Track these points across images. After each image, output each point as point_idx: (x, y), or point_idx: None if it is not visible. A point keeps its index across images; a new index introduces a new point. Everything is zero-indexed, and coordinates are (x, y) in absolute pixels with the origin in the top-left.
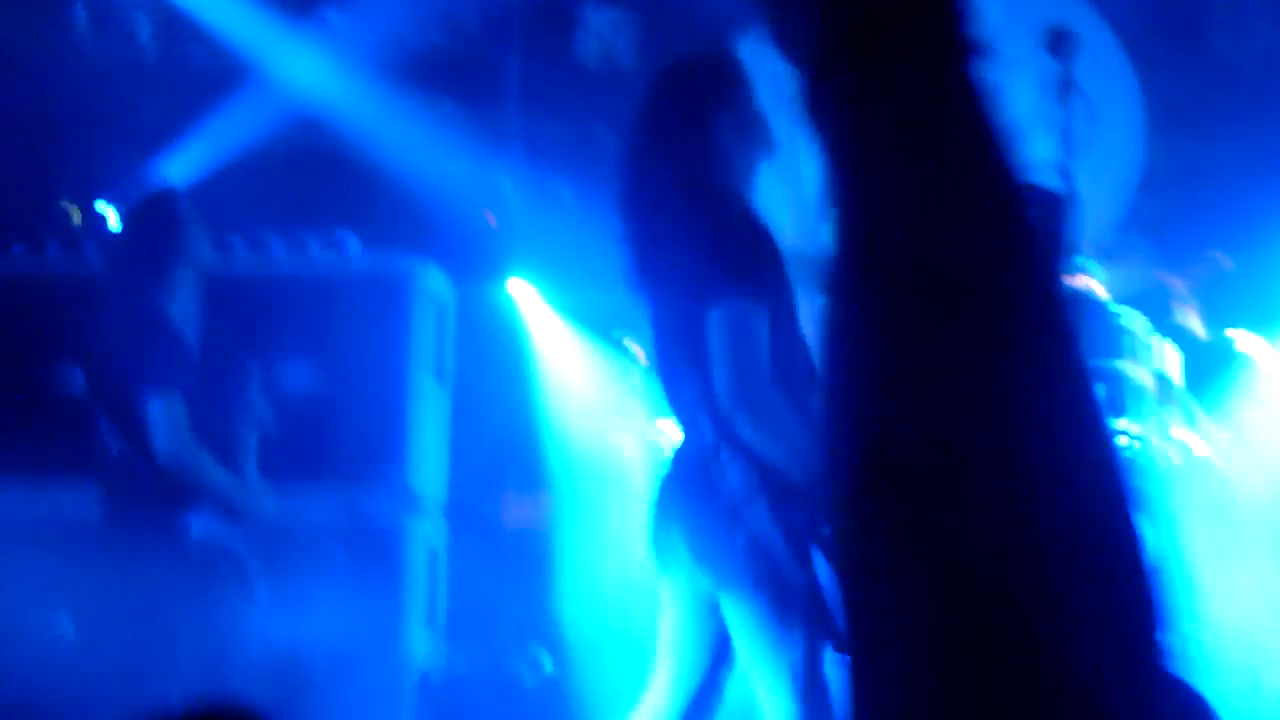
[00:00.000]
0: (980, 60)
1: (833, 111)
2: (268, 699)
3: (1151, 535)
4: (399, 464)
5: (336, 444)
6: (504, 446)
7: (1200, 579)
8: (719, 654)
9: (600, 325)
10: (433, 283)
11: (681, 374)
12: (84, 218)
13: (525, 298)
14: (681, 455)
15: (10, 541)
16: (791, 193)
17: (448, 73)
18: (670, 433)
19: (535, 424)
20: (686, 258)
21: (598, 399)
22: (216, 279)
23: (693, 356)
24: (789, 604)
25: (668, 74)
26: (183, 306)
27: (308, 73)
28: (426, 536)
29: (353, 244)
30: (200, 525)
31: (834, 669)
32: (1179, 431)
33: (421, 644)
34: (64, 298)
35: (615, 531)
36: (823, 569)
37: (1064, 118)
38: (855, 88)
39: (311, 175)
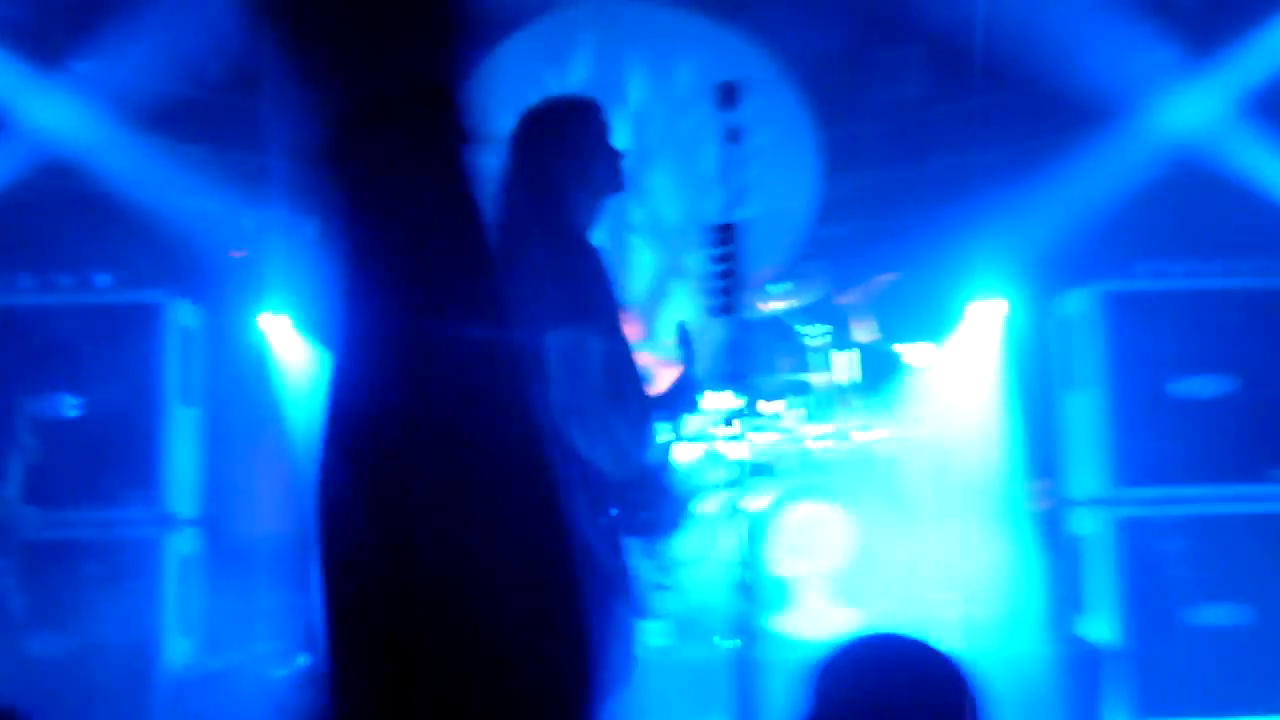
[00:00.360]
0: (475, 147)
1: (336, 192)
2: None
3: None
4: (154, 483)
5: (97, 468)
6: (256, 462)
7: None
8: None
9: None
10: (182, 315)
11: None
12: None
13: (275, 327)
14: None
15: None
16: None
17: (196, 119)
18: None
19: (285, 442)
20: (533, 287)
21: None
22: None
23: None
24: (602, 588)
25: (529, 116)
26: None
27: (59, 120)
28: (179, 548)
29: (104, 281)
30: None
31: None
32: (856, 428)
33: (177, 647)
34: None
35: None
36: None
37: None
38: (355, 170)
39: (67, 217)
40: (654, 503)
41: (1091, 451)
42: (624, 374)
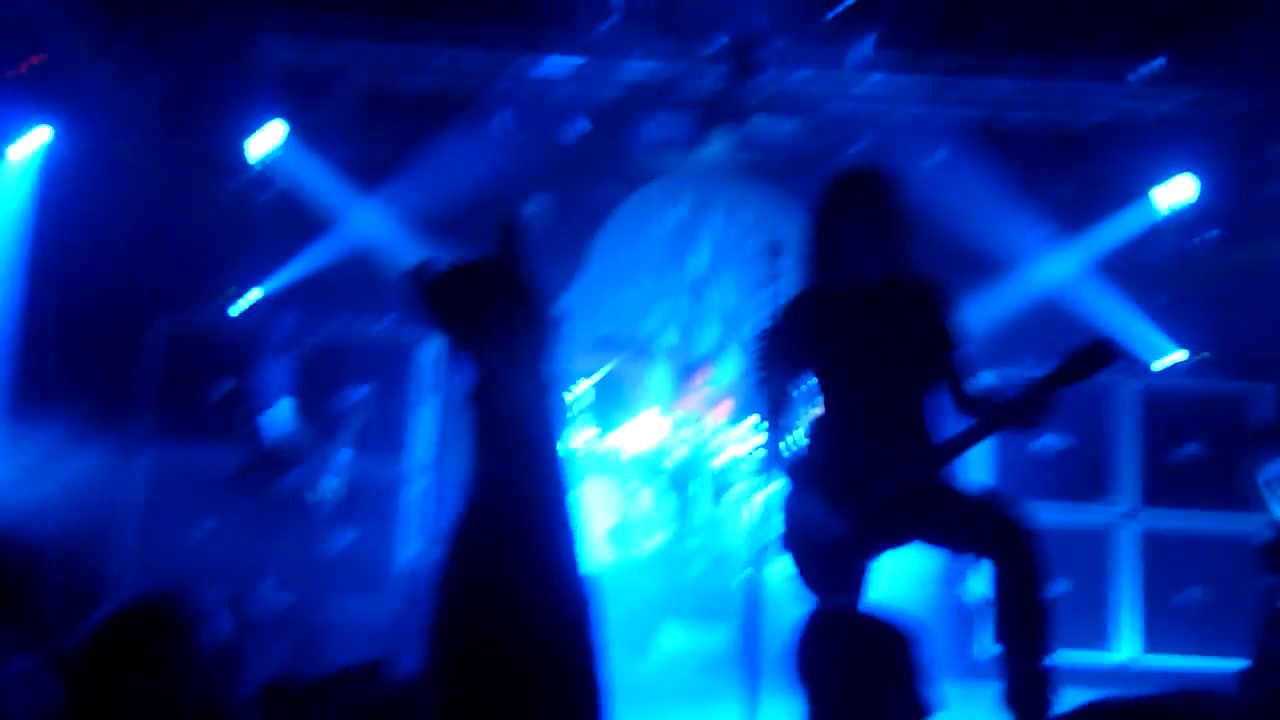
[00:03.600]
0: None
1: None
2: None
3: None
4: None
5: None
6: None
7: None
8: None
9: None
10: (434, 344)
11: None
12: None
13: None
14: None
15: None
16: None
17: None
18: None
19: None
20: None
21: None
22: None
23: None
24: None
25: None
26: None
27: (370, 225)
28: (419, 486)
29: (387, 321)
30: None
31: None
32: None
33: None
34: None
35: None
36: None
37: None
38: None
39: (366, 287)
40: None
41: (980, 471)
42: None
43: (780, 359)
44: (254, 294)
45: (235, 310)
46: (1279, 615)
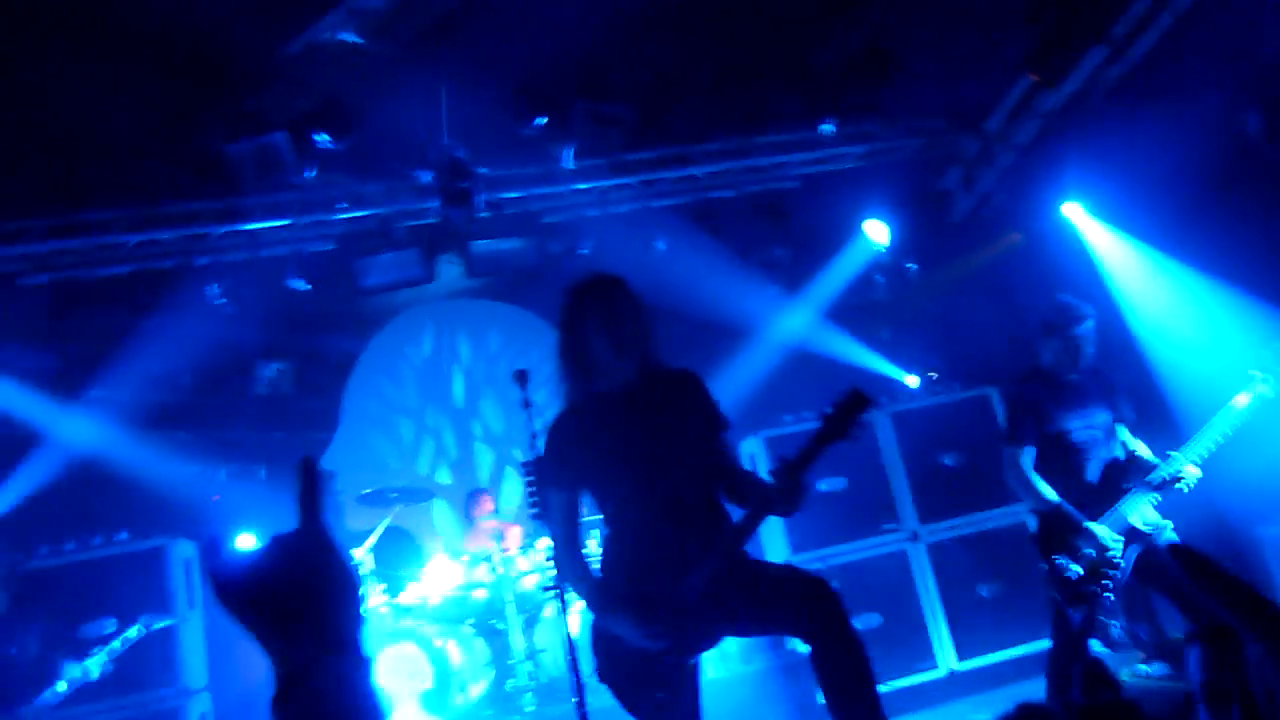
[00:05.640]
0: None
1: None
2: None
3: None
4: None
5: (133, 663)
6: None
7: None
8: None
9: None
10: (182, 550)
11: None
12: None
13: (250, 543)
14: None
15: None
16: None
17: (176, 414)
18: None
19: None
20: None
21: None
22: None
23: None
24: None
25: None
26: None
27: (82, 433)
28: (198, 708)
29: (123, 536)
30: None
31: None
32: None
33: None
34: None
35: None
36: None
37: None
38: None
39: (92, 498)
40: None
41: (777, 530)
42: None
43: (555, 480)
44: None
45: None
46: (1065, 593)
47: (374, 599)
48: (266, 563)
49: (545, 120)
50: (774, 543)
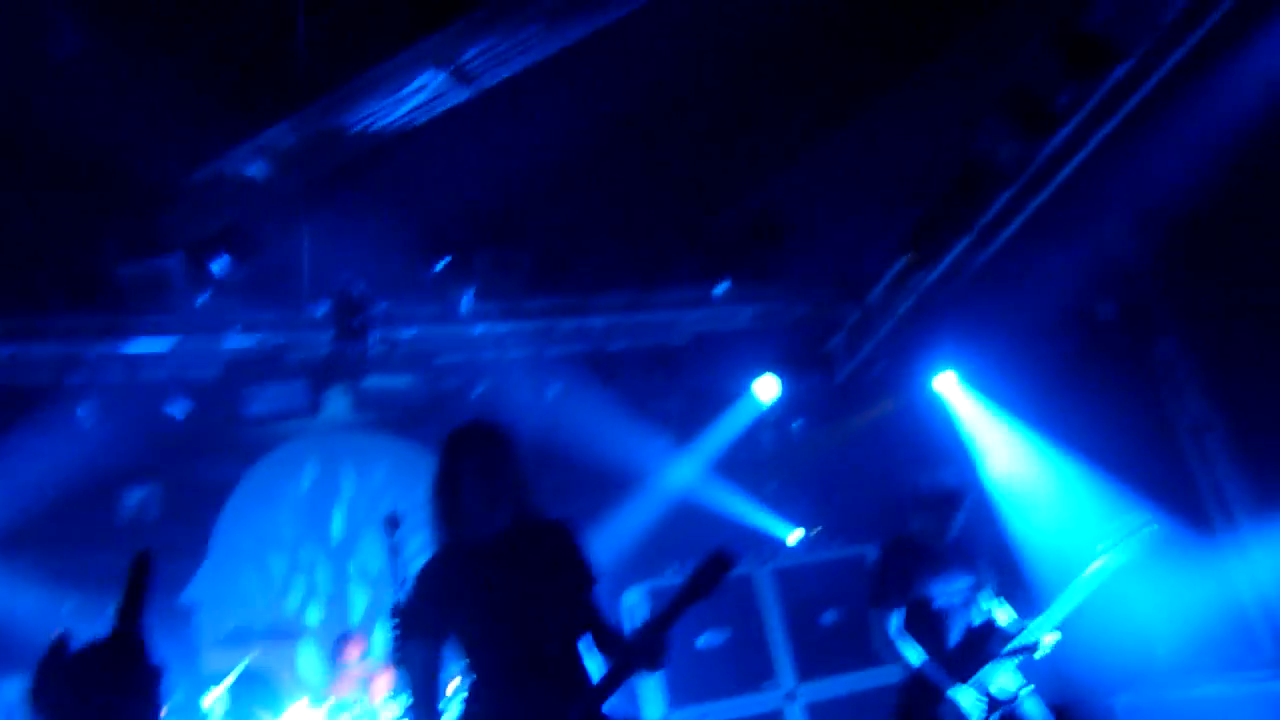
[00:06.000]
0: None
1: None
2: None
3: None
4: None
5: None
6: None
7: None
8: None
9: None
10: (10, 691)
11: None
12: None
13: None
14: None
15: None
16: None
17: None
18: None
19: None
20: None
21: None
22: None
23: None
24: None
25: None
26: None
27: None
28: None
29: None
30: None
31: None
32: None
33: None
34: None
35: None
36: None
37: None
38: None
39: None
40: None
41: (655, 683)
42: None
43: (418, 630)
44: None
45: None
46: None
47: None
48: (75, 665)
49: (447, 261)
50: (651, 697)
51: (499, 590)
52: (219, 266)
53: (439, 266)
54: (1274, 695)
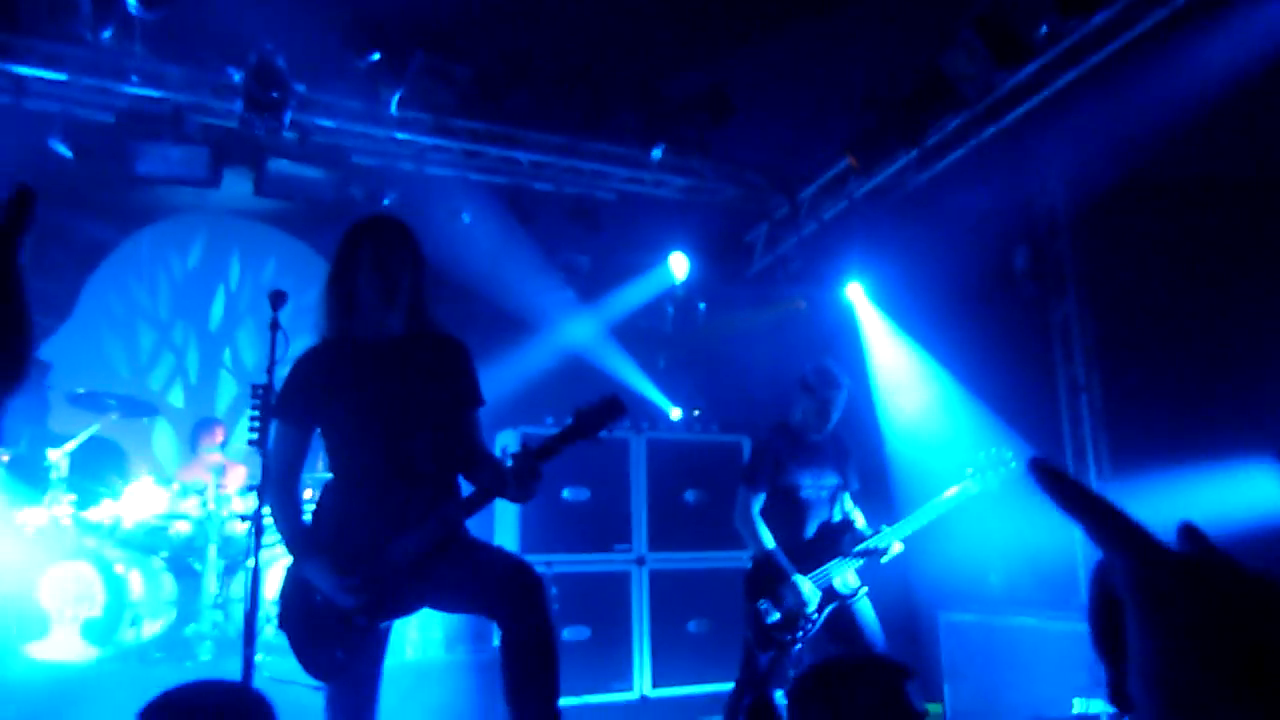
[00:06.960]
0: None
1: None
2: None
3: None
4: None
5: None
6: None
7: None
8: None
9: None
10: None
11: None
12: None
13: None
14: None
15: None
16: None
17: None
18: None
19: None
20: None
21: None
22: None
23: None
24: None
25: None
26: None
27: None
28: None
29: None
30: None
31: None
32: None
33: None
34: None
35: None
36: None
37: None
38: None
39: None
40: None
41: (510, 526)
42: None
43: (283, 414)
44: None
45: None
46: (758, 635)
47: (59, 509)
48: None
49: (379, 57)
50: (506, 539)
51: (379, 391)
52: (132, 2)
53: (370, 61)
54: (1081, 635)
